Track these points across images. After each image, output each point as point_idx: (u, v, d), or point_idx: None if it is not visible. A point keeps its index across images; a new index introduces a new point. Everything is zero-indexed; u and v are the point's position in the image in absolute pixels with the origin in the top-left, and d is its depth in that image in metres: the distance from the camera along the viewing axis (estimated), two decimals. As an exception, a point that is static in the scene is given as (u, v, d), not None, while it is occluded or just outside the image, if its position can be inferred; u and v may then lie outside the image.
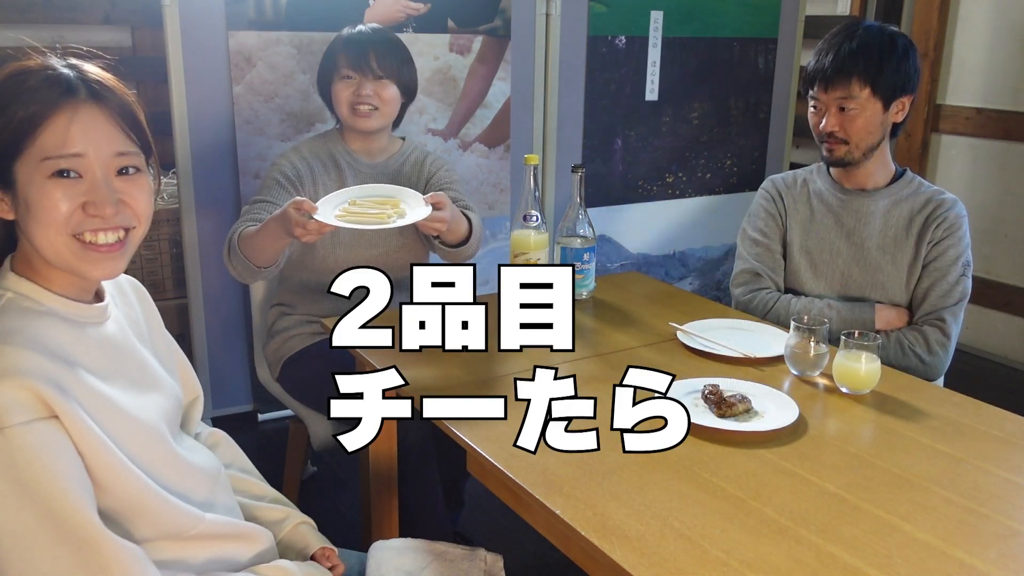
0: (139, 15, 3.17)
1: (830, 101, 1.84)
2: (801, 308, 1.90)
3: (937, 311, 1.85)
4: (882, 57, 1.79)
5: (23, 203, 1.02)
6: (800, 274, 1.97)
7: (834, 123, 1.84)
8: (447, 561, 1.34)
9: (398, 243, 2.15)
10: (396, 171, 2.16)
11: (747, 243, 2.05)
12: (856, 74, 1.79)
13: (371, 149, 2.13)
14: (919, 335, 1.84)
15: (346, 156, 2.11)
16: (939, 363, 1.84)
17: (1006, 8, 3.62)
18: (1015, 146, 3.64)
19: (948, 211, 1.87)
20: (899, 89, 1.83)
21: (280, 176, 2.03)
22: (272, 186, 2.02)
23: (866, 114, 1.82)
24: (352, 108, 2.03)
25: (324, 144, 2.12)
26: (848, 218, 1.94)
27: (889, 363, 1.70)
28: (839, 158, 1.88)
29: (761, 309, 1.95)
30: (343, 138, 2.13)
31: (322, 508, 2.39)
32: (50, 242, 1.02)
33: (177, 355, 1.30)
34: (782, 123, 3.75)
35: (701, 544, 1.05)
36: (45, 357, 0.97)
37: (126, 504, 1.03)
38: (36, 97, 1.01)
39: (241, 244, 1.87)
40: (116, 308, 1.16)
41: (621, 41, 3.26)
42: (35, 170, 1.01)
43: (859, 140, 1.84)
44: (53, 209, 1.01)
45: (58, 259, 1.04)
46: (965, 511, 1.14)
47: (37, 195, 1.01)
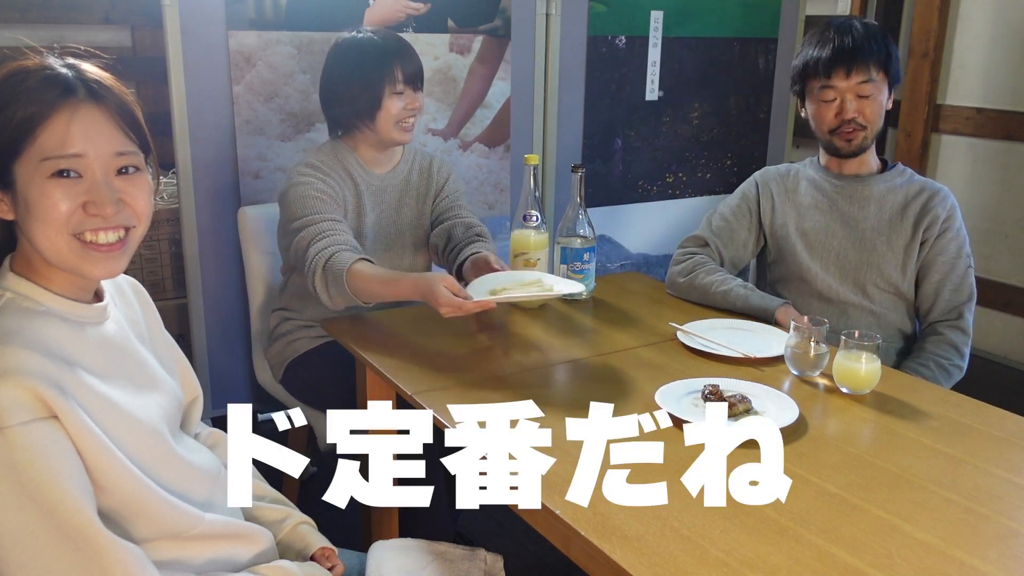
0: (139, 15, 3.17)
1: (848, 88, 1.85)
2: (717, 279, 1.91)
3: (955, 308, 1.88)
4: (886, 43, 1.86)
5: (23, 203, 1.02)
6: (798, 256, 1.98)
7: (856, 108, 1.86)
8: (447, 561, 1.34)
9: (411, 255, 2.13)
10: (404, 181, 2.11)
11: (713, 216, 2.08)
12: (872, 58, 1.83)
13: (381, 159, 2.07)
14: (948, 346, 1.86)
15: (358, 168, 2.03)
16: (967, 362, 1.88)
17: (1006, 8, 3.62)
18: (1015, 146, 3.64)
19: (944, 200, 1.90)
20: (898, 75, 1.90)
21: (317, 192, 1.91)
22: (318, 200, 1.90)
23: (880, 97, 1.87)
24: (399, 123, 1.97)
25: (335, 156, 2.02)
26: (843, 202, 1.95)
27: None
28: (858, 146, 1.90)
29: (688, 270, 1.96)
30: (356, 150, 2.04)
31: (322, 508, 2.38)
32: (51, 242, 1.02)
33: (177, 355, 1.30)
34: (782, 123, 3.75)
35: (701, 544, 1.05)
36: (45, 357, 0.97)
37: (126, 504, 1.03)
38: (35, 97, 1.01)
39: (351, 280, 1.75)
40: (115, 308, 1.16)
41: (621, 41, 3.26)
42: (35, 170, 1.01)
43: (874, 124, 1.88)
44: (53, 209, 1.01)
45: (59, 259, 1.04)
46: (965, 511, 1.14)
47: (37, 195, 1.01)
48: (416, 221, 2.12)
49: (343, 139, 2.05)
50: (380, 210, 2.06)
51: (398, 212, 2.09)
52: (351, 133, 2.02)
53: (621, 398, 1.45)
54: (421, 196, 2.13)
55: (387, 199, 2.07)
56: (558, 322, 1.80)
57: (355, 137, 2.02)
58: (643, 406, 1.41)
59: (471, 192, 3.06)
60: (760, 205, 2.03)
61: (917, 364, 1.82)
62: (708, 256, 2.00)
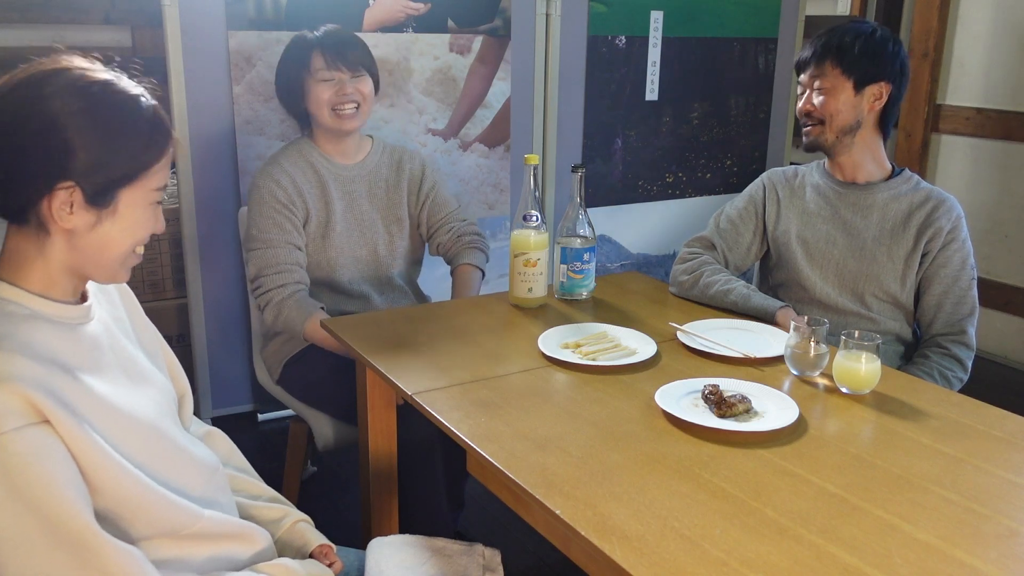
0: (139, 15, 3.17)
1: (808, 84, 1.92)
2: (720, 279, 1.92)
3: (958, 322, 1.87)
4: (855, 40, 1.86)
5: (112, 219, 1.06)
6: (797, 263, 1.97)
7: (808, 103, 1.91)
8: (445, 557, 1.34)
9: (386, 240, 2.16)
10: (374, 171, 2.17)
11: (720, 218, 2.09)
12: (829, 56, 1.87)
13: (346, 150, 2.13)
14: (953, 360, 1.86)
15: (323, 161, 2.10)
16: (968, 374, 1.88)
17: (1006, 8, 3.62)
18: (1015, 146, 3.64)
19: (949, 211, 1.88)
20: (872, 73, 1.87)
21: (275, 203, 2.01)
22: (272, 216, 2.00)
23: (836, 93, 1.87)
24: (335, 110, 2.02)
25: (299, 154, 2.10)
26: (846, 210, 1.95)
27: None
28: (813, 139, 1.94)
29: (693, 269, 1.98)
30: (317, 143, 2.12)
31: (322, 508, 2.39)
32: (122, 252, 1.10)
33: (164, 350, 1.30)
34: (782, 123, 3.75)
35: (701, 544, 1.05)
36: (34, 361, 0.98)
37: (123, 503, 1.03)
38: (156, 140, 1.09)
39: (305, 324, 1.94)
40: (100, 307, 1.16)
41: (621, 41, 3.26)
42: (144, 197, 1.09)
43: (831, 120, 1.89)
44: (145, 230, 1.11)
45: (112, 266, 1.10)
46: (965, 511, 1.14)
47: (141, 217, 1.10)
48: (388, 210, 2.19)
49: (307, 135, 2.15)
50: (350, 199, 2.13)
51: (370, 201, 2.16)
52: (310, 127, 2.13)
53: (621, 398, 1.45)
54: (392, 185, 2.19)
55: (357, 188, 2.14)
56: (558, 322, 1.80)
57: (314, 131, 2.12)
58: (643, 406, 1.42)
59: (471, 192, 3.06)
60: (766, 209, 2.03)
61: (921, 372, 1.82)
62: (714, 259, 2.01)
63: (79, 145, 1.01)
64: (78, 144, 1.01)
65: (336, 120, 2.03)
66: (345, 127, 2.05)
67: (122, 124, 1.05)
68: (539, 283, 1.89)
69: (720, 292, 1.89)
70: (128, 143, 1.05)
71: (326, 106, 2.02)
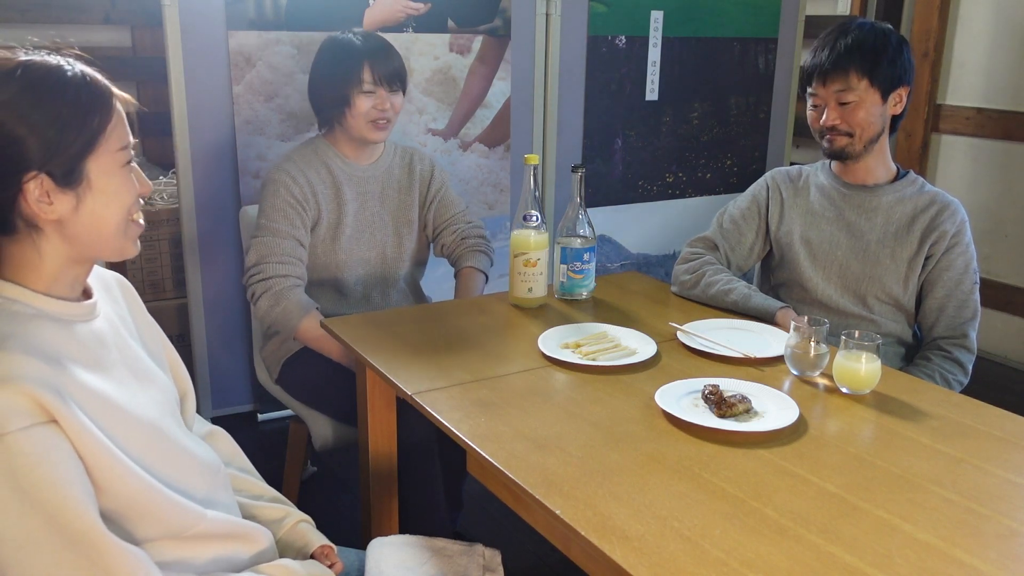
0: (139, 15, 3.17)
1: (828, 95, 1.85)
2: (721, 279, 1.92)
3: (960, 326, 1.86)
4: (876, 50, 1.82)
5: (90, 193, 1.05)
6: (800, 264, 1.97)
7: (835, 117, 1.85)
8: (445, 557, 1.34)
9: (395, 242, 2.17)
10: (387, 172, 2.18)
11: (724, 217, 2.08)
12: (853, 67, 1.81)
13: (362, 153, 2.14)
14: (954, 364, 1.85)
15: (338, 162, 2.11)
16: (969, 377, 1.88)
17: (1006, 8, 3.62)
18: (1015, 146, 3.64)
19: (954, 215, 1.87)
20: (896, 80, 1.85)
21: (289, 197, 2.02)
22: (284, 209, 2.01)
23: (866, 105, 1.84)
24: (372, 122, 2.04)
25: (314, 153, 2.11)
26: (850, 212, 1.94)
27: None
28: (840, 148, 1.88)
29: (695, 268, 1.97)
30: (335, 144, 2.13)
31: (322, 508, 2.39)
32: (115, 223, 1.08)
33: (167, 349, 1.30)
34: (782, 123, 3.75)
35: (701, 544, 1.05)
36: (40, 361, 0.97)
37: (127, 504, 1.03)
38: (96, 101, 1.05)
39: (301, 322, 1.96)
40: (104, 304, 1.16)
41: (621, 41, 3.26)
42: (111, 161, 1.07)
43: (862, 132, 1.85)
44: (128, 193, 1.09)
45: (110, 239, 1.09)
46: (965, 511, 1.14)
47: (118, 183, 1.08)
48: (399, 210, 2.20)
49: (325, 135, 2.15)
50: (363, 199, 2.14)
51: (381, 202, 2.17)
52: (332, 129, 2.12)
53: (621, 398, 1.45)
54: (404, 187, 2.20)
55: (370, 189, 2.15)
56: (558, 322, 1.80)
57: (335, 133, 2.12)
58: (643, 406, 1.42)
59: (471, 192, 3.06)
60: (769, 209, 2.03)
61: (922, 375, 1.81)
62: (716, 259, 2.00)
63: (24, 133, 1.00)
64: (23, 132, 1.00)
65: (371, 131, 2.05)
66: (377, 138, 2.08)
67: (56, 97, 1.02)
68: (539, 283, 1.89)
69: (721, 292, 1.89)
70: (70, 113, 1.03)
71: (363, 117, 2.03)
